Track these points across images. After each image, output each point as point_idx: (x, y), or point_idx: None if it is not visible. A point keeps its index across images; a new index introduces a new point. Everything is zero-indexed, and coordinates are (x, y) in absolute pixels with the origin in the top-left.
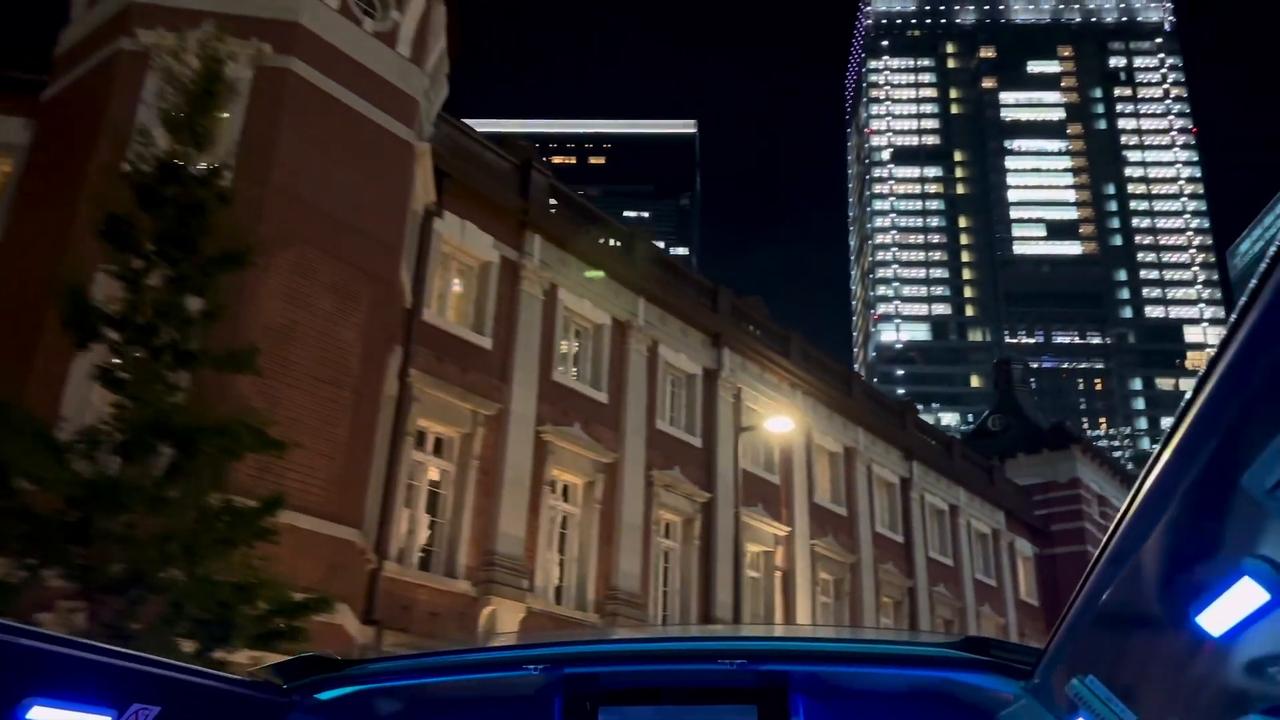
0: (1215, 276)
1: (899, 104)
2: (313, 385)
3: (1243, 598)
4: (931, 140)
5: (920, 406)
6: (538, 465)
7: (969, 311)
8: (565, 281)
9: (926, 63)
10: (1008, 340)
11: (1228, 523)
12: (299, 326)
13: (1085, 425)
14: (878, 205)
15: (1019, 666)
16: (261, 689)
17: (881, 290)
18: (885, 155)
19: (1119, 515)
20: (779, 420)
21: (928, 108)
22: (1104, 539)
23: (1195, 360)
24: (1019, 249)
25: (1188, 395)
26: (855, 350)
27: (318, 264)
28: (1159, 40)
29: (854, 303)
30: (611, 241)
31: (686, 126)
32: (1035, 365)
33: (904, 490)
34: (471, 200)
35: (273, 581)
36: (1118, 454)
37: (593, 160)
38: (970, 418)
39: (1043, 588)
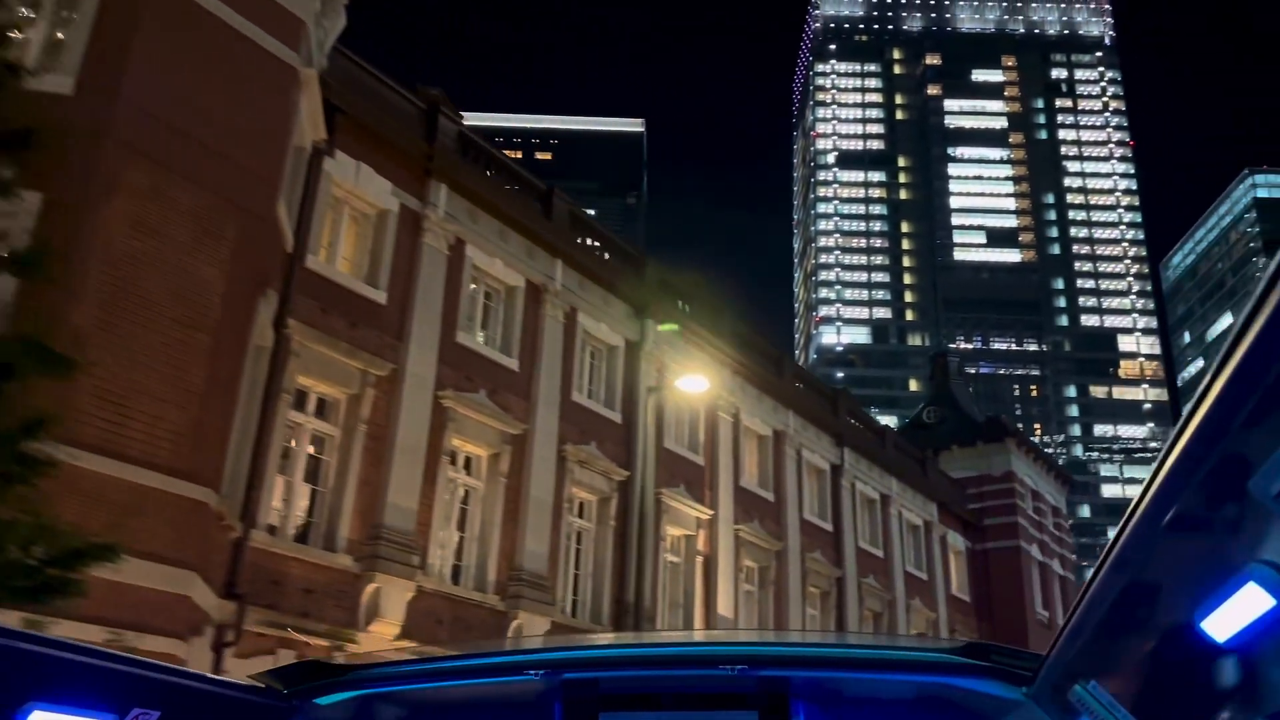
0: (1149, 287)
1: (845, 108)
2: (165, 325)
3: (1248, 603)
4: (876, 145)
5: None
6: (436, 433)
7: (909, 316)
8: (474, 237)
9: (873, 68)
10: (947, 345)
11: (1233, 528)
12: (148, 256)
13: (1020, 431)
14: (822, 208)
15: (1019, 672)
16: (262, 694)
17: (823, 293)
18: (830, 159)
19: (1124, 519)
20: (693, 380)
21: (873, 112)
22: (1109, 543)
23: (1128, 369)
24: (959, 255)
25: (1193, 400)
26: (797, 352)
27: (174, 189)
28: (1099, 54)
29: (797, 305)
30: (528, 201)
31: (634, 125)
32: (973, 371)
33: (834, 477)
34: (369, 141)
35: (51, 526)
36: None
37: (539, 156)
38: (908, 421)
39: (974, 582)
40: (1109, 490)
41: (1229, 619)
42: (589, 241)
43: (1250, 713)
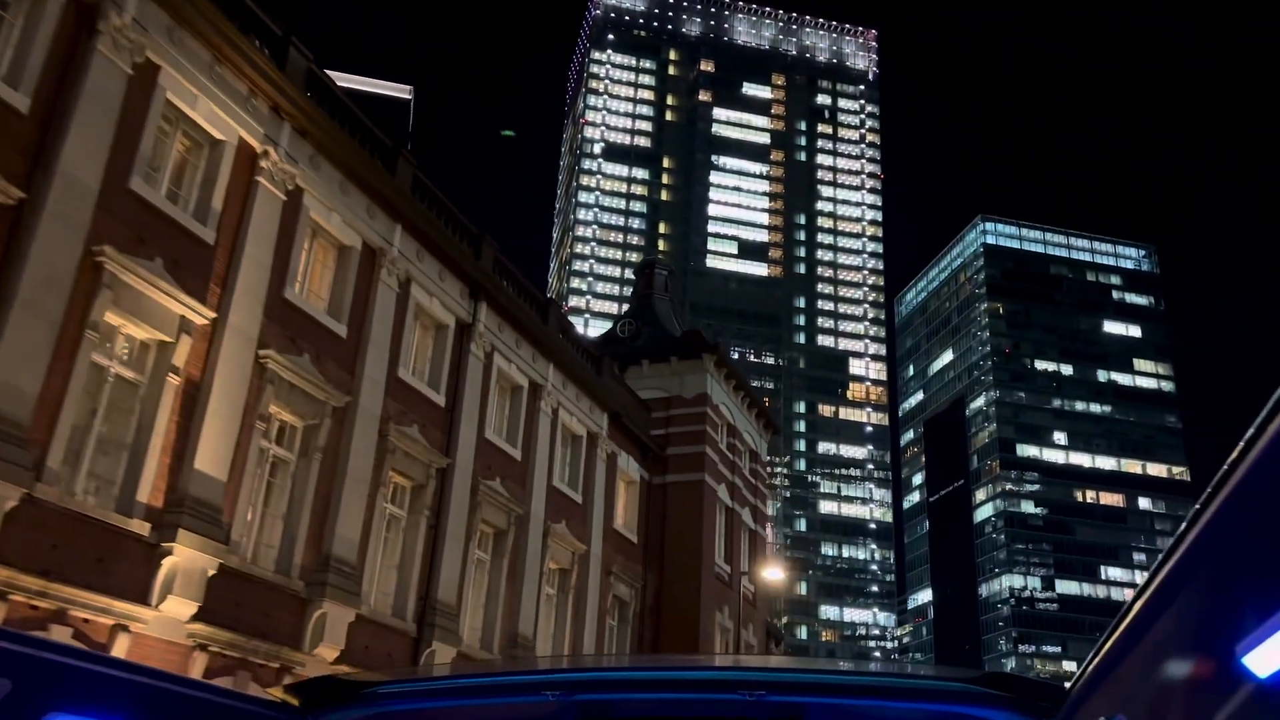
0: (882, 316)
1: (617, 100)
2: None
3: None
4: (643, 142)
5: None
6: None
7: None
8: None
9: (649, 65)
10: None
11: None
12: None
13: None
14: (583, 198)
15: (1041, 704)
16: (277, 709)
17: (575, 283)
18: (597, 149)
19: (1167, 548)
20: None
21: (644, 109)
22: (1148, 574)
23: (856, 391)
24: (711, 262)
25: (1252, 429)
26: None
27: None
28: (862, 87)
29: (549, 295)
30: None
31: (402, 91)
32: None
33: (461, 338)
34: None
35: None
36: (778, 475)
37: None
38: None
39: (646, 521)
40: (826, 506)
41: (1274, 654)
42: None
43: None
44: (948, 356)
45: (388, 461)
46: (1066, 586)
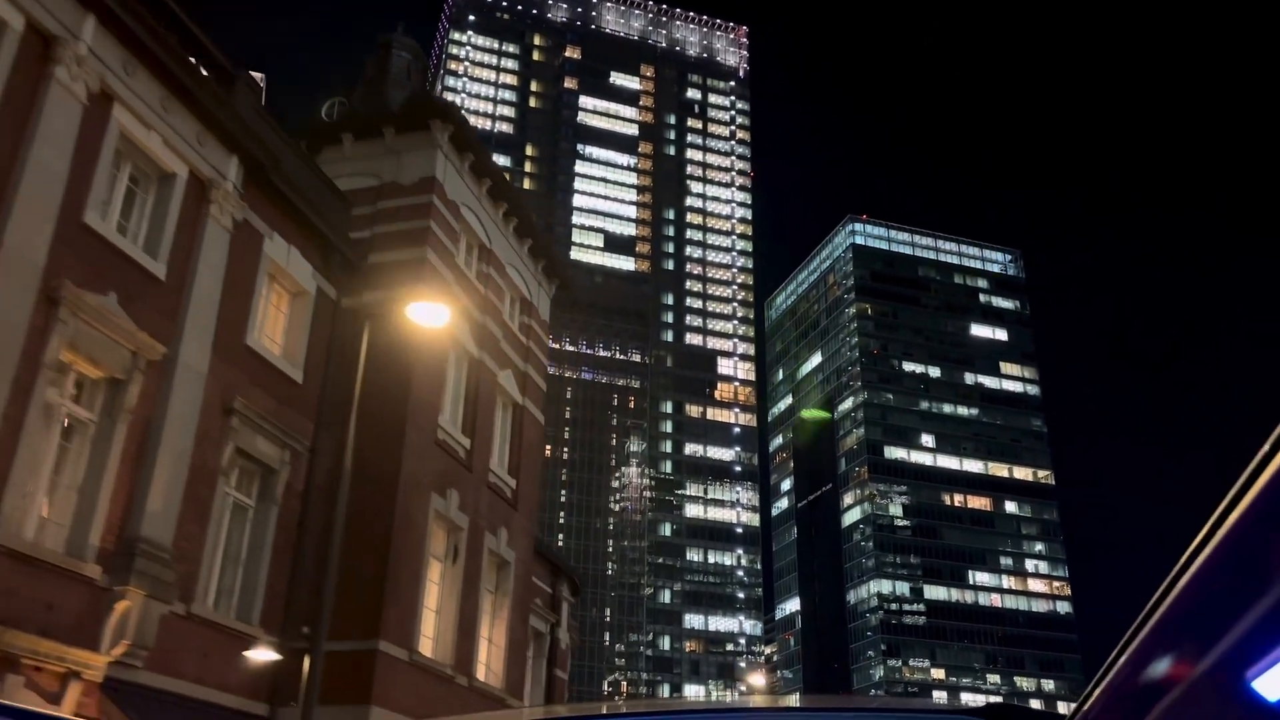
0: (751, 315)
1: (478, 84)
2: None
3: None
4: (505, 129)
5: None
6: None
7: None
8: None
9: (512, 49)
10: (551, 345)
11: None
12: None
13: (614, 440)
14: None
15: None
16: None
17: None
18: None
19: (1176, 569)
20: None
21: (506, 95)
22: (1154, 595)
23: (724, 391)
24: (575, 255)
25: (1266, 447)
26: None
27: None
28: (733, 83)
29: None
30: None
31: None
32: (574, 375)
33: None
34: None
35: None
36: (645, 479)
37: None
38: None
39: (324, 355)
40: (692, 510)
41: None
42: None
43: None
44: (816, 359)
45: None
46: (935, 592)
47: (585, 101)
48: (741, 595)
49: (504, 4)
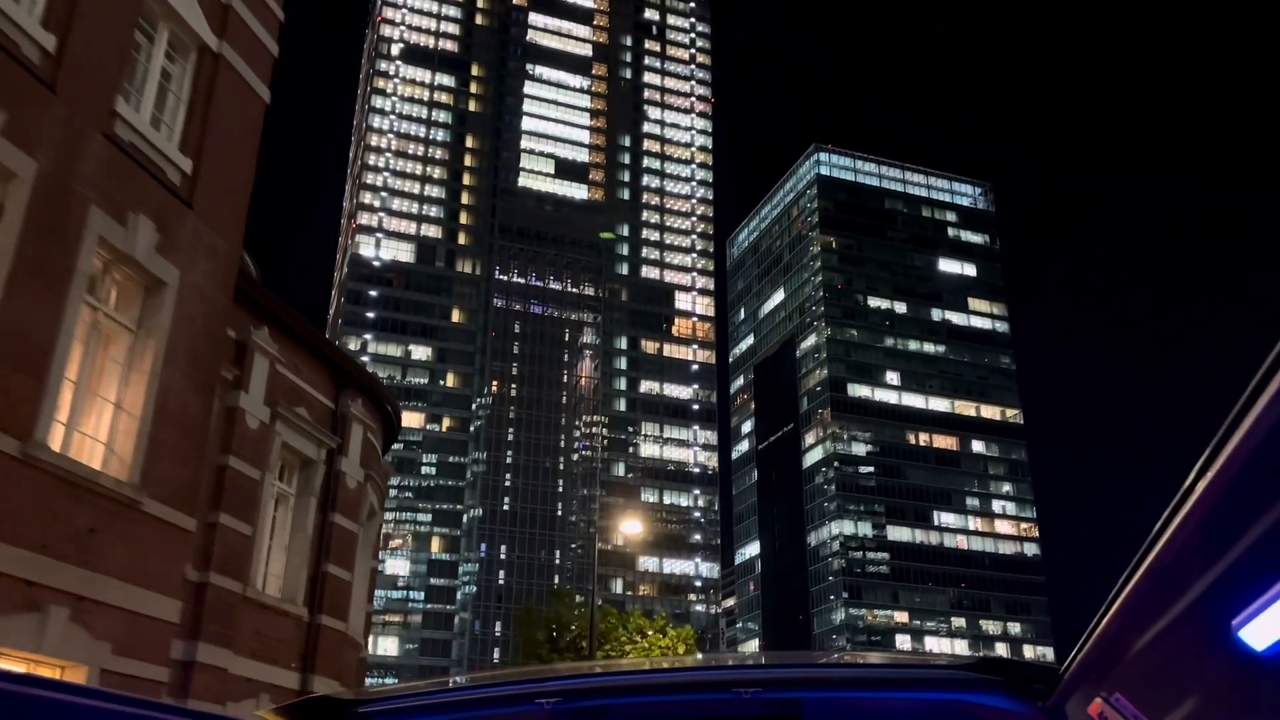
0: (711, 249)
1: None
2: None
3: None
4: (449, 46)
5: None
6: None
7: (461, 239)
8: None
9: None
10: (499, 276)
11: (1277, 531)
12: None
13: (565, 378)
14: (377, 103)
15: (1035, 686)
16: None
17: (367, 198)
18: (395, 50)
19: (1160, 521)
20: None
21: (450, 10)
22: (1141, 547)
23: (682, 327)
24: (524, 181)
25: (1243, 398)
26: (335, 271)
27: None
28: (693, 4)
29: (343, 219)
30: None
31: None
32: (521, 309)
33: None
34: None
35: None
36: (595, 433)
37: None
38: (444, 355)
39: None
40: (648, 450)
41: (1270, 627)
42: None
43: None
44: (779, 296)
45: None
46: (898, 534)
47: (535, 19)
48: (698, 537)
49: None
